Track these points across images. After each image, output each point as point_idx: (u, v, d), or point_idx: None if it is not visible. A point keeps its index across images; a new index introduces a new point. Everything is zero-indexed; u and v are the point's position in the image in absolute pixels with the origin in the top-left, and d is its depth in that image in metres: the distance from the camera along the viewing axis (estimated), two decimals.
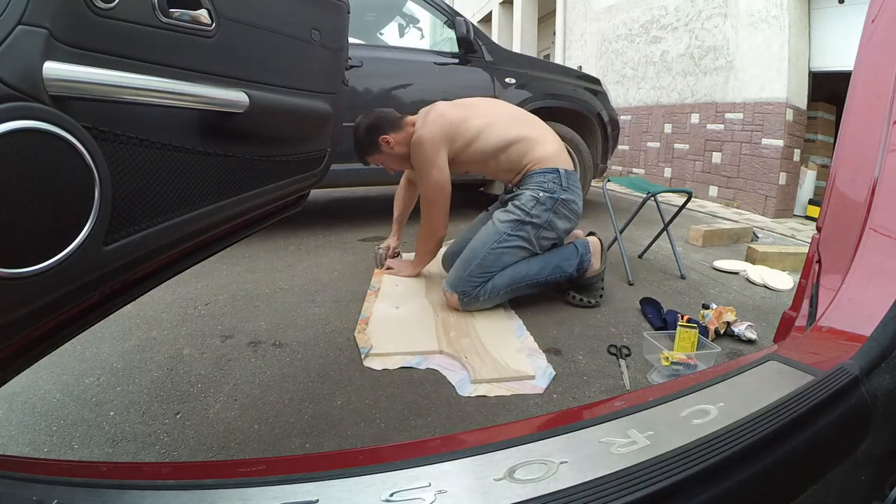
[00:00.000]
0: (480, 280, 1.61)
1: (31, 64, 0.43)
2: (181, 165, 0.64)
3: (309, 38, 0.90)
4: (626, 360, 1.36)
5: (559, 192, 1.65)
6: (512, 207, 1.67)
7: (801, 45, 3.54)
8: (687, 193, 2.09)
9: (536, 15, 9.13)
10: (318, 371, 1.29)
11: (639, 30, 5.19)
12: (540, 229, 1.65)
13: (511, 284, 1.63)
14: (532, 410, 1.13)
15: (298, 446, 1.00)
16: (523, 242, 1.64)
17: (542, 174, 1.67)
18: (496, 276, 1.62)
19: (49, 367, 1.30)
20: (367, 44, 3.32)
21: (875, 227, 0.71)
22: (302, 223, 2.97)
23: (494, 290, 1.62)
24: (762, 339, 1.50)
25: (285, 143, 0.93)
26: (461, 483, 0.38)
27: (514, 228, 1.63)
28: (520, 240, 1.63)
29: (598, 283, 1.74)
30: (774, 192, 3.65)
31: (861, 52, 0.85)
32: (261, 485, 0.39)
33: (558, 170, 1.68)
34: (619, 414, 0.46)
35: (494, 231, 1.64)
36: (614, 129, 3.35)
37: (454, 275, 1.64)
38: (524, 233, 1.63)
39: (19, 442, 1.03)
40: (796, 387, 0.47)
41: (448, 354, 1.35)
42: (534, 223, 1.63)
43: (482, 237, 1.66)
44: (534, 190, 1.66)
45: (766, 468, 0.39)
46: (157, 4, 0.56)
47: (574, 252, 1.71)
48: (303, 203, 1.21)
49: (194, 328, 1.55)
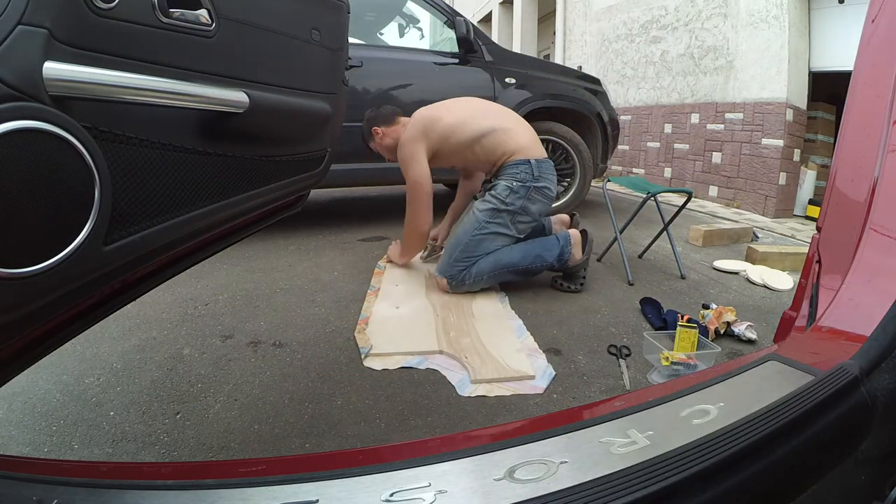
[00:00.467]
0: (465, 265, 1.78)
1: (31, 64, 0.43)
2: (181, 165, 0.64)
3: (309, 37, 0.90)
4: (626, 360, 1.36)
5: (531, 181, 1.81)
6: (489, 197, 1.84)
7: (801, 45, 3.54)
8: (687, 193, 2.09)
9: (536, 15, 9.13)
10: (318, 371, 1.29)
11: (639, 30, 5.18)
12: (514, 215, 1.82)
13: (494, 270, 1.80)
14: (532, 410, 1.13)
15: (298, 446, 1.00)
16: (501, 228, 1.81)
17: (514, 165, 1.83)
18: (480, 260, 1.79)
19: (49, 367, 1.30)
20: (367, 44, 3.32)
21: (875, 227, 0.71)
22: (302, 223, 2.96)
23: (479, 274, 1.78)
24: (762, 339, 1.50)
25: (285, 144, 0.93)
26: (461, 483, 0.38)
27: (492, 216, 1.80)
28: (497, 226, 1.81)
29: (580, 271, 1.90)
30: (774, 192, 3.64)
31: (861, 52, 0.85)
32: (261, 485, 0.39)
33: (530, 161, 1.82)
34: (619, 414, 0.46)
35: (474, 219, 1.82)
36: (614, 129, 3.35)
37: (443, 261, 1.84)
38: (501, 219, 1.81)
39: (19, 442, 1.03)
40: (796, 387, 0.47)
41: (448, 354, 1.36)
42: (509, 210, 1.80)
43: (464, 225, 1.84)
44: (507, 180, 1.82)
45: (767, 468, 0.39)
46: (157, 4, 0.56)
47: (556, 244, 1.85)
48: (303, 203, 1.21)
49: (194, 328, 1.55)
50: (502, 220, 1.80)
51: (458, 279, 1.78)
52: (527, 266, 1.81)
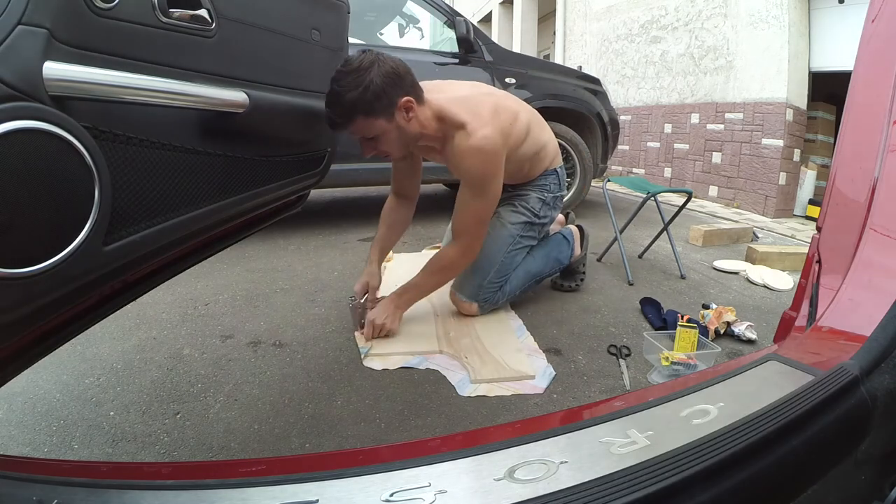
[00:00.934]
0: (500, 284, 1.61)
1: (31, 64, 0.43)
2: (181, 165, 0.64)
3: (309, 38, 0.90)
4: (626, 360, 1.36)
5: (557, 190, 1.74)
6: (521, 208, 1.66)
7: (801, 45, 3.54)
8: (687, 193, 2.09)
9: (536, 15, 9.13)
10: (318, 371, 1.29)
11: (639, 30, 5.18)
12: (543, 227, 1.74)
13: (524, 284, 1.68)
14: (532, 410, 1.12)
15: (298, 446, 1.00)
16: (530, 241, 1.70)
17: (545, 176, 1.71)
18: (511, 276, 1.63)
19: (49, 367, 1.30)
20: (368, 44, 3.32)
21: (875, 227, 0.71)
22: (302, 223, 2.96)
23: (512, 290, 1.64)
24: (762, 339, 1.50)
25: (285, 144, 0.93)
26: (461, 483, 0.38)
27: (525, 230, 1.66)
28: (529, 239, 1.69)
29: (579, 268, 1.87)
30: (774, 192, 3.64)
31: (861, 52, 0.85)
32: (261, 485, 0.39)
33: (557, 170, 1.73)
34: (619, 414, 0.46)
35: (507, 234, 1.62)
36: (614, 129, 3.35)
37: (473, 284, 1.57)
38: (533, 232, 1.70)
39: (19, 442, 1.03)
40: (796, 387, 0.47)
41: (448, 354, 1.35)
42: (541, 223, 1.70)
43: (495, 241, 1.59)
44: (539, 192, 1.69)
45: (767, 468, 0.39)
46: (157, 4, 0.57)
47: (566, 243, 1.82)
48: (303, 203, 1.21)
49: (194, 328, 1.55)
50: (534, 233, 1.69)
51: (493, 301, 1.59)
52: (548, 272, 1.76)
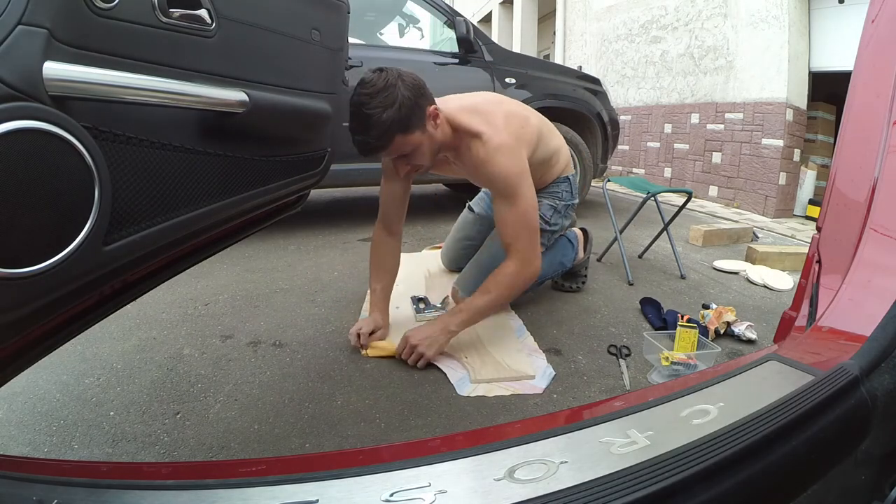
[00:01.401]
0: None
1: (31, 64, 0.43)
2: (181, 165, 0.64)
3: (309, 38, 0.90)
4: (626, 360, 1.36)
5: (570, 199, 1.71)
6: None
7: (801, 45, 3.54)
8: (687, 193, 2.09)
9: (536, 15, 9.13)
10: (318, 371, 1.29)
11: (639, 30, 5.18)
12: (554, 234, 1.71)
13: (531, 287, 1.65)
14: (532, 410, 1.12)
15: (298, 446, 1.00)
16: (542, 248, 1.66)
17: (557, 184, 1.69)
18: None
19: (49, 367, 1.30)
20: (368, 44, 3.32)
21: (875, 227, 0.71)
22: (302, 223, 2.96)
23: None
24: (762, 339, 1.50)
25: (285, 143, 0.93)
26: (461, 483, 0.38)
27: None
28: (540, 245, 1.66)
29: (581, 270, 1.89)
30: (774, 192, 3.64)
31: (861, 52, 0.85)
32: (261, 485, 0.39)
33: (569, 178, 1.71)
34: (619, 414, 0.46)
35: None
36: (614, 129, 3.35)
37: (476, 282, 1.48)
38: (544, 239, 1.66)
39: (19, 442, 1.03)
40: (796, 387, 0.47)
41: (448, 354, 1.35)
42: (552, 231, 1.68)
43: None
44: (551, 200, 1.67)
45: (767, 468, 0.39)
46: (157, 4, 0.57)
47: (570, 246, 1.80)
48: (303, 203, 1.21)
49: (194, 328, 1.55)
50: (546, 239, 1.64)
51: None
52: (551, 275, 1.75)
